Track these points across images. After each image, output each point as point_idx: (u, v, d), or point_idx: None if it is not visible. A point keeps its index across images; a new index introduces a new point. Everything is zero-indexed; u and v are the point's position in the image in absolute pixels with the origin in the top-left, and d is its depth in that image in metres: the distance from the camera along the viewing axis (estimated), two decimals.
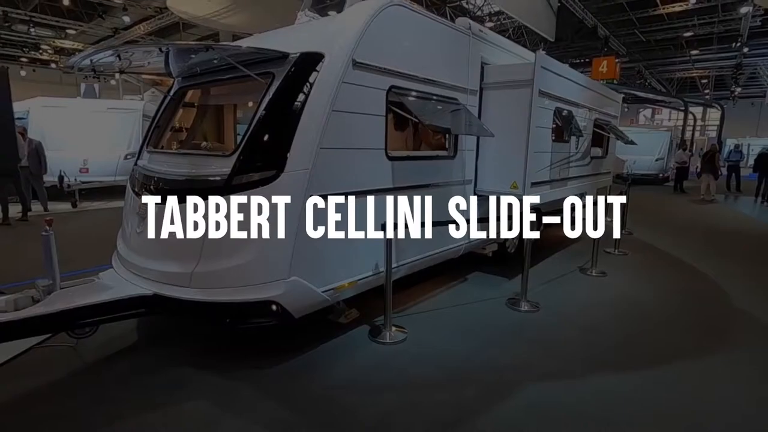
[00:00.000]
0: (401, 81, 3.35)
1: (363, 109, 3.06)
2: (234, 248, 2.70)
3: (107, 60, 2.99)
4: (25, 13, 18.16)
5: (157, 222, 3.02)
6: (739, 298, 4.52)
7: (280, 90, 2.79)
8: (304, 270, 2.80)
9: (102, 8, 18.01)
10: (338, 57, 2.86)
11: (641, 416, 2.49)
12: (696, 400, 2.68)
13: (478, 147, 4.49)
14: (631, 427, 2.39)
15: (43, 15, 18.58)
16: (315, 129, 2.75)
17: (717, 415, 2.52)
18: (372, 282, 3.41)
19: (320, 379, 2.81)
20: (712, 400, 2.68)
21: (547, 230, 7.56)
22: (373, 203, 3.25)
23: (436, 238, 4.04)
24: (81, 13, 19.26)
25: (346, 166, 3.00)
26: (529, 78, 4.04)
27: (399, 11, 3.27)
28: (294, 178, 2.69)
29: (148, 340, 3.35)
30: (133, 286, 2.93)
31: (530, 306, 4.09)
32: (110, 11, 18.44)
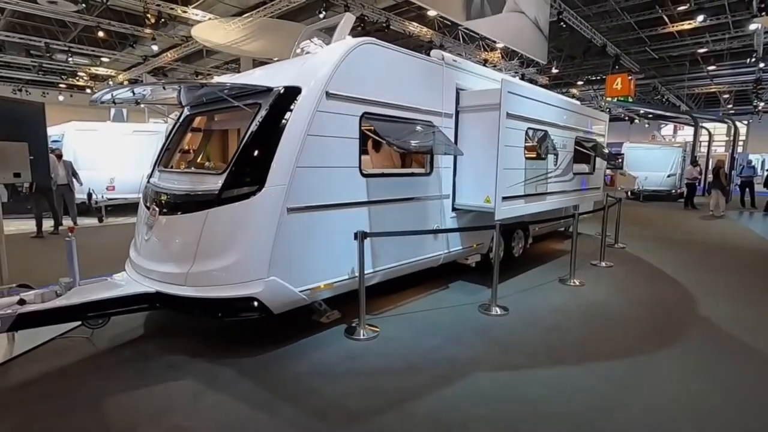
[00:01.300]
0: (374, 108, 3.83)
1: (336, 132, 3.55)
2: (222, 252, 3.19)
3: (125, 95, 3.58)
4: (65, 43, 19.73)
5: (161, 230, 3.54)
6: (706, 307, 4.73)
7: (263, 119, 3.30)
8: (281, 271, 3.25)
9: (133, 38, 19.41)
10: (313, 90, 3.36)
11: (579, 403, 2.80)
12: (631, 390, 2.96)
13: (455, 164, 4.90)
14: (562, 410, 2.70)
15: (80, 45, 20.12)
16: (292, 151, 3.24)
17: (650, 405, 2.81)
18: (348, 285, 3.83)
19: (293, 366, 3.23)
20: (647, 392, 2.96)
21: (538, 243, 7.86)
22: (347, 215, 3.70)
23: (413, 248, 4.44)
24: (114, 43, 20.77)
25: (320, 182, 3.47)
26: (496, 102, 4.46)
27: (371, 48, 3.78)
28: (273, 193, 3.17)
29: (151, 333, 3.84)
30: (139, 285, 3.44)
31: (500, 310, 4.41)
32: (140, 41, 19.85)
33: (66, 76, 25.09)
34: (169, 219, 3.52)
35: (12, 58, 20.97)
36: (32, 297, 3.10)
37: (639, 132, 30.10)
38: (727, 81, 25.32)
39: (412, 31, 15.11)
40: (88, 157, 10.82)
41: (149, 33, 18.66)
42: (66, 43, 19.82)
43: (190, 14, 14.90)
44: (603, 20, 16.28)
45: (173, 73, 23.57)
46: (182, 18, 15.52)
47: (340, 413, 2.65)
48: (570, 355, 3.52)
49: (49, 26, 18.87)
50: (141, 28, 17.17)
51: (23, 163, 3.60)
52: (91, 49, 20.96)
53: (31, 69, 22.76)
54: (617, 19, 16.23)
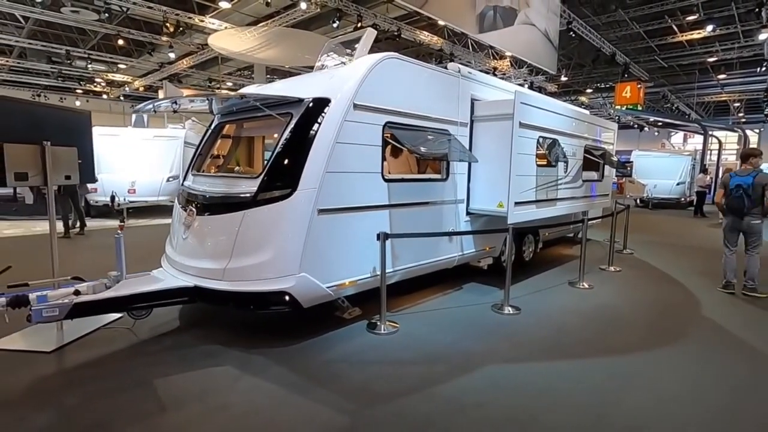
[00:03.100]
0: (395, 117, 4.11)
1: (362, 140, 3.82)
2: (257, 249, 3.46)
3: (165, 105, 3.89)
4: (84, 50, 20.35)
5: (199, 229, 3.83)
6: (713, 311, 4.90)
7: (295, 127, 3.59)
8: (311, 268, 3.51)
9: (151, 46, 19.97)
10: (341, 101, 3.65)
11: (587, 393, 3.02)
12: (637, 384, 3.17)
13: (469, 171, 5.16)
14: (569, 399, 2.92)
15: (99, 52, 20.74)
16: (322, 157, 3.52)
17: (656, 398, 3.02)
18: (370, 283, 4.09)
19: (322, 355, 3.50)
20: (653, 385, 3.17)
21: (547, 248, 8.06)
22: (370, 217, 3.97)
23: (429, 249, 4.69)
24: (132, 50, 21.37)
25: (347, 186, 3.74)
26: (510, 112, 4.72)
27: (394, 62, 4.06)
28: (305, 196, 3.45)
29: (187, 325, 4.12)
30: (179, 280, 3.73)
31: (512, 310, 4.63)
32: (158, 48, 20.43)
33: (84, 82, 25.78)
34: (207, 219, 3.81)
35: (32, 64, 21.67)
36: (85, 289, 3.40)
37: (648, 140, 30.10)
38: (737, 89, 25.31)
39: (422, 40, 15.45)
40: (110, 160, 11.24)
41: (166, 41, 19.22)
42: (86, 50, 20.45)
43: (207, 23, 15.35)
44: (612, 30, 16.46)
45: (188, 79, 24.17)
46: (199, 27, 15.99)
47: (367, 395, 2.90)
48: (579, 351, 3.73)
49: (70, 34, 19.46)
50: (159, 37, 17.68)
51: (73, 167, 3.92)
52: (109, 56, 21.57)
53: (50, 75, 23.45)
54: (627, 28, 16.39)
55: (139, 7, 14.17)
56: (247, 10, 15.66)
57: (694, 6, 14.47)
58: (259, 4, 13.86)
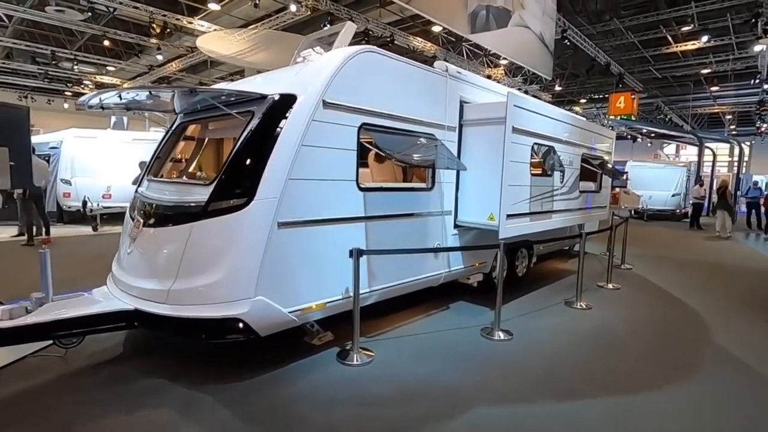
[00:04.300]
0: (373, 118, 3.65)
1: (333, 143, 3.36)
2: (206, 268, 2.97)
3: (112, 100, 3.41)
4: (71, 51, 19.84)
5: (143, 243, 3.33)
6: (718, 333, 4.48)
7: (254, 127, 3.12)
8: (270, 290, 3.02)
9: (139, 48, 19.51)
10: (309, 98, 3.19)
11: None
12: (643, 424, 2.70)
13: (458, 179, 4.71)
14: None
15: (86, 53, 20.22)
16: (284, 162, 3.05)
17: None
18: (342, 305, 3.60)
19: (282, 391, 3.00)
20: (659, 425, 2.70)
21: (541, 262, 7.62)
22: (343, 230, 3.49)
23: (412, 266, 4.21)
24: (120, 52, 20.88)
25: (315, 196, 3.26)
26: (502, 116, 4.29)
27: (371, 57, 3.62)
28: (263, 206, 2.97)
29: (131, 352, 3.59)
30: (118, 302, 3.21)
31: (504, 335, 4.16)
32: (146, 50, 19.96)
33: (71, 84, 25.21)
34: (153, 231, 3.31)
35: (19, 65, 21.12)
36: (0, 313, 2.88)
37: (642, 151, 30.06)
38: (730, 102, 25.33)
39: (416, 46, 15.15)
40: (85, 164, 10.70)
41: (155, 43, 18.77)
42: (72, 51, 19.95)
43: (196, 25, 14.97)
44: (607, 39, 16.32)
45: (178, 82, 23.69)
46: (188, 29, 15.60)
47: None
48: (577, 385, 3.26)
49: (57, 34, 19.03)
50: (147, 38, 17.28)
51: (2, 168, 3.41)
52: (96, 58, 21.06)
53: (37, 76, 22.92)
54: (621, 38, 16.25)
55: (125, 7, 13.75)
56: (238, 12, 15.29)
57: (689, 17, 14.35)
58: (249, 6, 13.51)
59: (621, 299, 5.72)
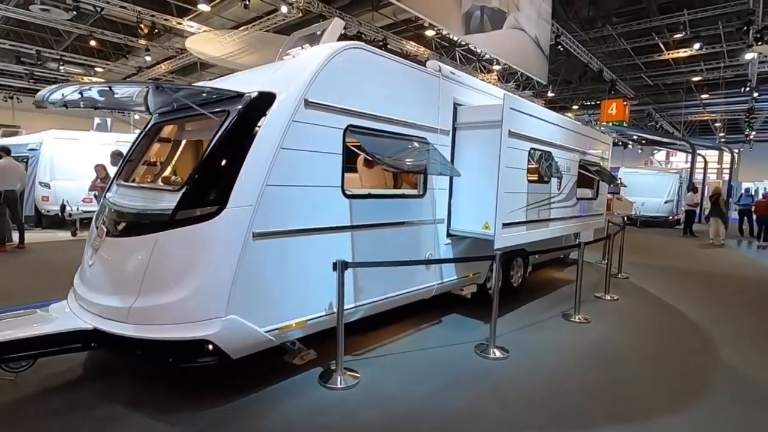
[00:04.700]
0: (360, 120, 3.39)
1: (316, 147, 3.09)
2: (171, 284, 2.67)
3: (74, 96, 3.10)
4: (57, 52, 19.39)
5: (106, 254, 3.02)
6: (724, 349, 4.26)
7: (229, 128, 2.84)
8: (243, 308, 2.73)
9: (127, 49, 19.11)
10: (289, 97, 2.91)
11: None
12: None
13: (451, 186, 4.46)
14: None
15: (73, 54, 19.77)
16: (261, 166, 2.77)
17: None
18: (325, 322, 3.31)
19: (256, 420, 2.70)
20: None
21: (538, 272, 7.40)
22: (326, 241, 3.21)
23: (402, 279, 3.94)
24: (109, 53, 20.47)
25: (295, 204, 2.98)
26: (498, 119, 4.05)
27: (358, 53, 3.36)
28: (236, 215, 2.68)
29: (93, 373, 3.27)
30: (76, 320, 2.90)
31: (499, 352, 3.89)
32: (135, 51, 19.57)
33: None
34: (115, 242, 3.00)
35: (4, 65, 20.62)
36: None
37: (632, 157, 30.22)
38: (720, 110, 25.53)
39: (409, 51, 14.98)
40: (66, 166, 10.30)
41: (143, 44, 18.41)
42: (59, 51, 19.50)
43: (185, 26, 14.69)
44: (599, 46, 16.31)
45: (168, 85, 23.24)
46: (177, 30, 15.30)
47: None
48: (578, 410, 3.00)
49: (43, 34, 18.62)
50: (135, 39, 16.95)
51: None
52: (84, 59, 20.63)
53: (23, 77, 22.41)
54: (614, 44, 16.26)
55: (112, 6, 13.42)
56: (228, 14, 15.03)
57: (681, 24, 14.38)
58: (240, 8, 13.26)
59: (620, 311, 5.49)
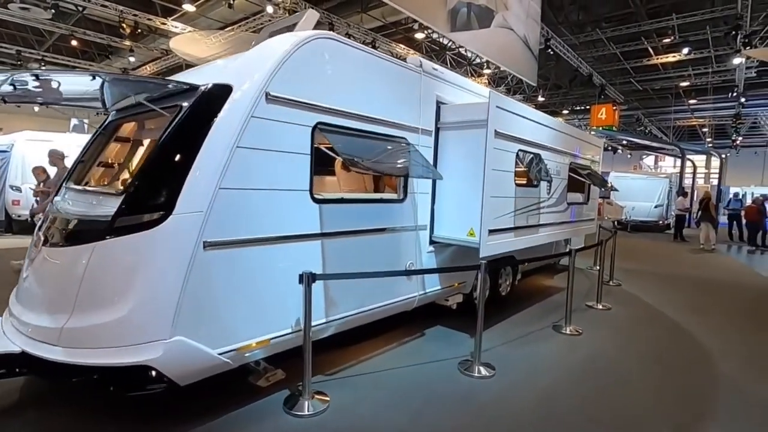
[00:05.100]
0: (332, 117, 3.09)
1: (280, 146, 2.78)
2: (108, 302, 2.33)
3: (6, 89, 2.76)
4: (39, 52, 18.88)
5: (40, 267, 2.67)
6: (723, 363, 4.01)
7: (177, 124, 2.52)
8: (193, 328, 2.40)
9: (110, 49, 18.67)
10: (248, 90, 2.61)
11: None
12: None
13: (434, 189, 4.18)
14: None
15: (56, 55, 19.26)
16: (214, 167, 2.45)
17: None
18: (292, 341, 2.99)
19: None
20: None
21: (528, 278, 7.15)
22: (292, 251, 2.90)
23: (379, 290, 3.64)
24: (94, 54, 20.00)
25: (255, 209, 2.67)
26: (483, 118, 3.78)
27: (329, 44, 3.06)
28: (184, 222, 2.36)
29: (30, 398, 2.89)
30: (4, 341, 2.54)
31: (485, 369, 3.60)
32: (119, 52, 19.13)
33: None
34: (51, 252, 2.65)
35: None
36: None
37: (622, 162, 30.36)
38: (707, 115, 25.72)
39: (399, 53, 14.78)
40: None
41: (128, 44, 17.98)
42: (40, 52, 19.02)
43: (170, 26, 14.35)
44: (589, 50, 16.28)
45: None
46: (162, 30, 14.95)
47: None
48: None
49: (24, 34, 18.16)
50: (119, 39, 16.55)
51: None
52: (67, 60, 20.12)
53: None
54: (603, 49, 16.24)
55: (92, 5, 13.04)
56: (214, 14, 14.70)
57: (670, 29, 14.38)
58: (226, 9, 12.96)
59: (613, 322, 5.23)
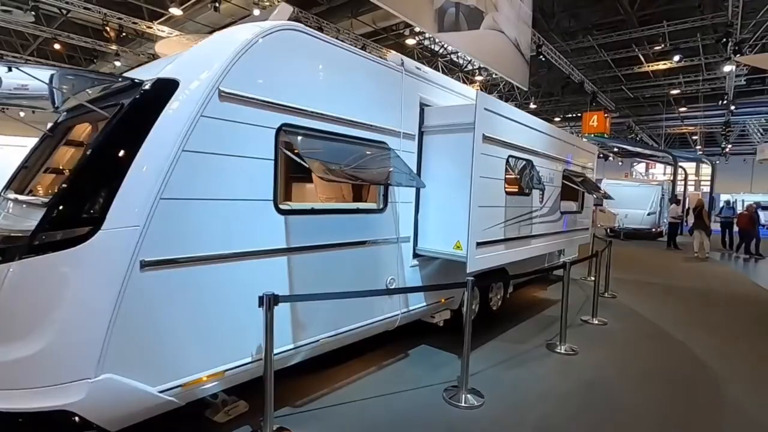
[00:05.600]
0: (299, 119, 2.76)
1: (237, 150, 2.44)
2: (21, 334, 1.97)
3: None
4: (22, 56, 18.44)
5: None
6: (733, 388, 3.70)
7: (113, 125, 2.18)
8: (127, 363, 2.04)
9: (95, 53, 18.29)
10: (197, 86, 2.27)
11: None
12: None
13: (418, 198, 3.86)
14: None
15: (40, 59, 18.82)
16: (154, 174, 2.11)
17: None
18: (252, 371, 2.63)
19: None
20: None
21: (520, 290, 6.84)
22: (252, 269, 2.56)
23: (356, 309, 3.29)
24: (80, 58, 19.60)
25: (206, 222, 2.32)
26: (470, 121, 3.48)
27: (295, 36, 2.74)
28: (115, 238, 2.01)
29: None
30: None
31: (473, 398, 3.25)
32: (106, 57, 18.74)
33: None
34: None
35: None
36: None
37: (613, 169, 30.42)
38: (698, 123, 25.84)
39: None
40: None
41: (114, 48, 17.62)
42: (24, 56, 18.61)
43: (156, 30, 14.04)
44: (580, 57, 16.22)
45: None
46: (149, 34, 14.64)
47: None
48: None
49: (8, 38, 17.81)
50: (104, 43, 16.23)
51: None
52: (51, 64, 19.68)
53: None
54: (594, 56, 16.19)
55: (74, 7, 12.69)
56: (202, 18, 14.41)
57: (660, 36, 14.36)
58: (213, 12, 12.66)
59: (610, 339, 4.92)
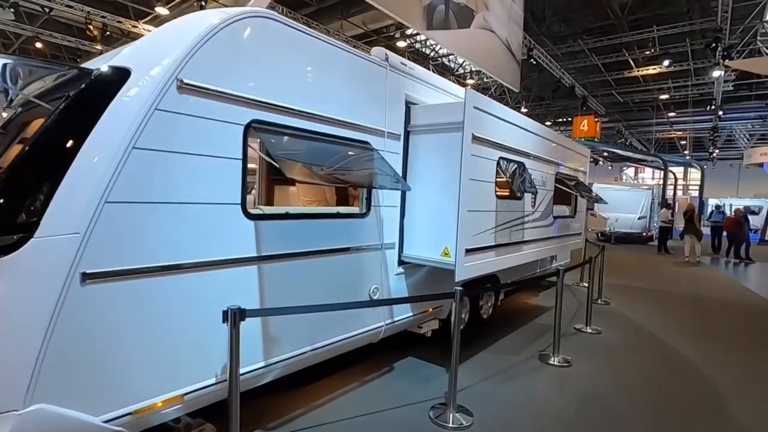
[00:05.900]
0: (271, 115, 2.53)
1: (198, 148, 2.20)
2: None
3: None
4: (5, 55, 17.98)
5: None
6: (736, 403, 3.52)
7: (54, 119, 1.92)
8: (63, 391, 1.78)
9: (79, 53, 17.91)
10: (152, 75, 2.03)
11: None
12: None
13: (403, 202, 3.64)
14: None
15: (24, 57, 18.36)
16: (98, 174, 1.86)
17: None
18: (217, 393, 2.38)
19: None
20: None
21: (512, 296, 6.66)
22: (216, 280, 2.31)
23: (336, 321, 3.06)
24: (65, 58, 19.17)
25: (160, 228, 2.07)
26: (458, 120, 3.27)
27: (268, 25, 2.51)
28: (51, 246, 1.75)
29: None
30: None
31: (461, 416, 3.02)
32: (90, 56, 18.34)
33: None
34: None
35: None
36: None
37: (602, 174, 30.60)
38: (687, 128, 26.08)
39: None
40: None
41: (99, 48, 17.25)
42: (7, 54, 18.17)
43: (141, 29, 13.77)
44: (571, 61, 16.23)
45: None
46: (134, 33, 14.35)
47: None
48: None
49: None
50: (89, 43, 15.89)
51: None
52: None
53: None
54: (585, 60, 16.21)
55: (56, 5, 12.38)
56: None
57: (650, 41, 14.41)
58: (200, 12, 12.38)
59: (605, 349, 4.73)
